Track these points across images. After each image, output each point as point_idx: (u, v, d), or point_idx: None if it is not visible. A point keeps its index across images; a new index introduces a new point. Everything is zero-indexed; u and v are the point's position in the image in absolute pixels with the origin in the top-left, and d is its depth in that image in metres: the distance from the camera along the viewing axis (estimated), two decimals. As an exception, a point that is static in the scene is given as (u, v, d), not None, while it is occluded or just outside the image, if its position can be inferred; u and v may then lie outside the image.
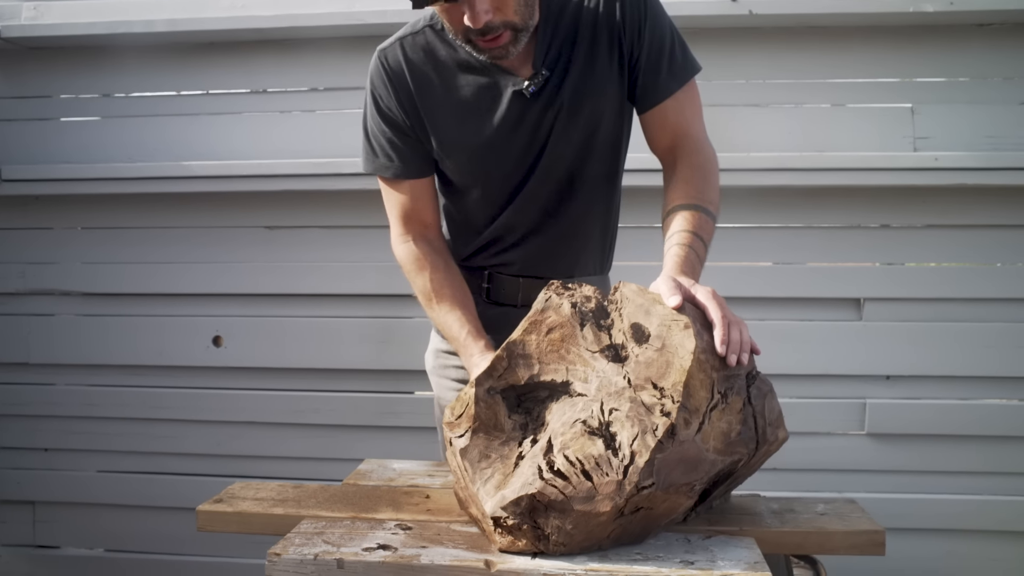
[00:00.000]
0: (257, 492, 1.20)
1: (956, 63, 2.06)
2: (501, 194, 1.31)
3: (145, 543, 2.29)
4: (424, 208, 1.34)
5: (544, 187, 1.29)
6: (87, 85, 2.28)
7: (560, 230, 1.32)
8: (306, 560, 0.93)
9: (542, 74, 1.23)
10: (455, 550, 0.95)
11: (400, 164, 1.30)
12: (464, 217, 1.37)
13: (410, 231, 1.34)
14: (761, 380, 1.03)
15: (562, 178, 1.29)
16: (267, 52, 2.20)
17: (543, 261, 1.33)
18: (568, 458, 0.92)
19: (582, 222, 1.33)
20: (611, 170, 1.33)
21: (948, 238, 2.05)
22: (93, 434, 2.27)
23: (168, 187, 2.15)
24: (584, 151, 1.28)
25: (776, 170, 1.99)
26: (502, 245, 1.34)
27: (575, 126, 1.26)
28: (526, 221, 1.32)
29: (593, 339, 1.01)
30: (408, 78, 1.27)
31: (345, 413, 2.19)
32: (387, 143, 1.30)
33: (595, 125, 1.27)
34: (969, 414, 2.06)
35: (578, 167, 1.29)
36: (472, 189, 1.33)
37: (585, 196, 1.31)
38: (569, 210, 1.31)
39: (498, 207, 1.32)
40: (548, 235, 1.32)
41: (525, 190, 1.29)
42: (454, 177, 1.33)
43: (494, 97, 1.25)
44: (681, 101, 1.25)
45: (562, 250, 1.34)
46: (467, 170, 1.31)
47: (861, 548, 1.04)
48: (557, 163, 1.28)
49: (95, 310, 2.28)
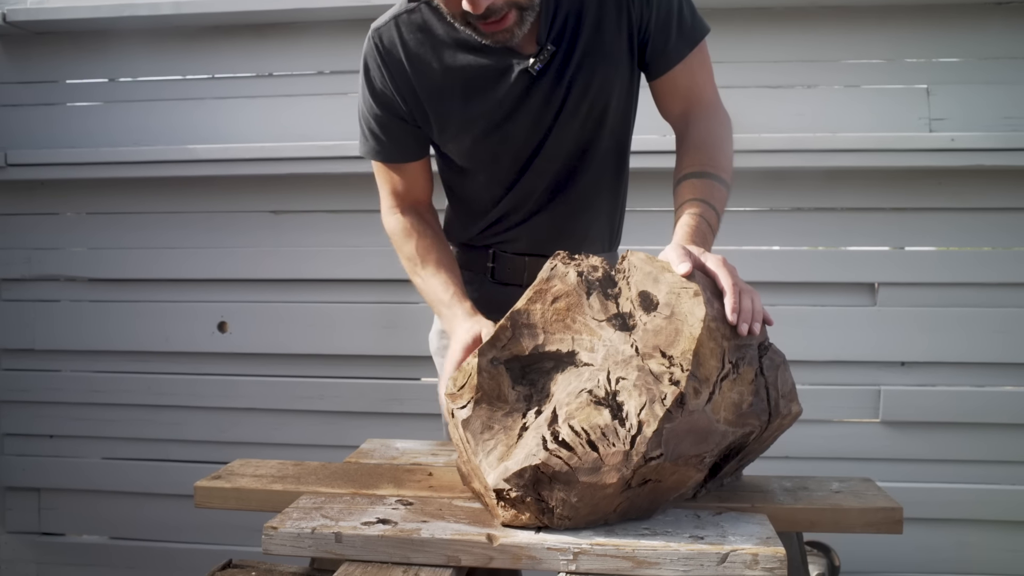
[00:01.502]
0: (257, 469, 1.18)
1: (973, 43, 2.02)
2: (508, 174, 1.26)
3: (150, 530, 2.27)
4: (416, 188, 1.30)
5: (552, 164, 1.25)
6: (92, 69, 2.27)
7: (568, 207, 1.28)
8: (303, 534, 0.91)
9: (548, 49, 1.16)
10: (456, 524, 0.93)
11: (392, 148, 1.26)
12: (468, 197, 1.33)
13: (400, 205, 1.30)
14: (774, 351, 1.00)
15: (571, 154, 1.24)
16: (273, 35, 2.18)
17: (550, 239, 1.29)
18: (573, 428, 0.89)
19: (590, 198, 1.29)
20: (620, 144, 1.30)
21: (965, 221, 2.01)
22: (98, 420, 2.26)
23: (173, 171, 2.13)
24: (594, 126, 1.23)
25: (788, 151, 1.95)
26: (508, 223, 1.31)
27: (585, 101, 1.20)
28: (533, 199, 1.28)
29: (600, 308, 0.98)
30: (404, 60, 1.19)
31: (349, 399, 2.17)
32: (379, 127, 1.24)
33: (606, 98, 1.22)
34: (986, 401, 2.01)
35: (587, 143, 1.24)
36: (477, 171, 1.28)
37: (594, 172, 1.27)
38: (577, 187, 1.27)
39: (504, 187, 1.27)
40: (555, 212, 1.28)
41: (532, 168, 1.25)
42: (457, 160, 1.28)
43: (498, 77, 1.18)
44: (692, 65, 1.21)
45: (570, 227, 1.30)
46: (472, 153, 1.26)
47: (877, 526, 1.00)
48: (566, 140, 1.23)
49: (100, 296, 2.26)
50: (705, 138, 1.20)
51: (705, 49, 1.24)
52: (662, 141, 1.84)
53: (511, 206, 1.29)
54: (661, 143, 1.85)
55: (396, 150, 1.26)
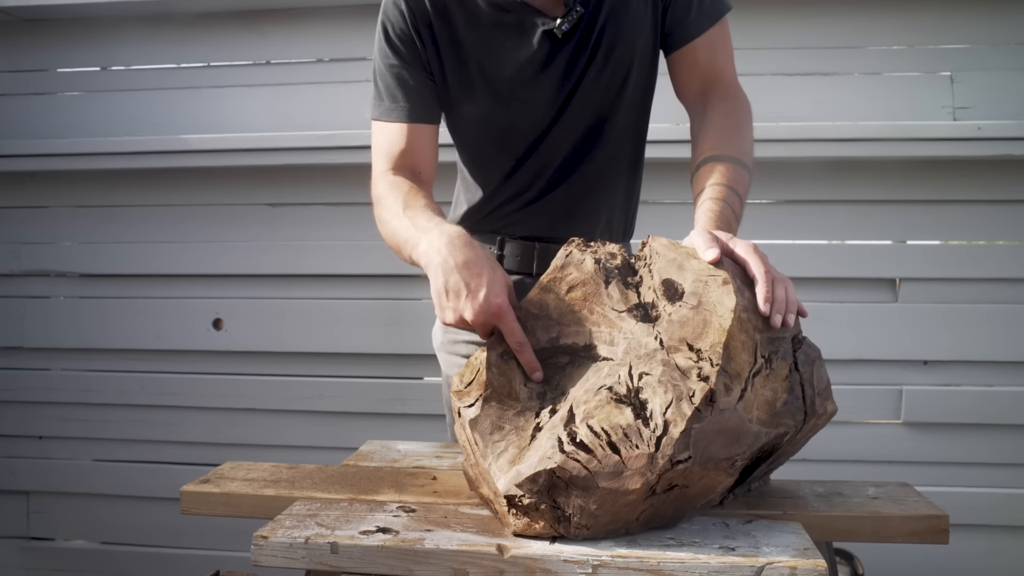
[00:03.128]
0: (248, 472, 1.10)
1: (998, 28, 1.95)
2: (522, 144, 1.20)
3: (143, 535, 2.20)
4: (418, 158, 1.17)
5: (569, 136, 1.19)
6: (84, 58, 2.22)
7: (583, 185, 1.22)
8: (296, 544, 0.83)
9: (576, 11, 1.12)
10: (463, 534, 0.85)
11: (406, 104, 1.15)
12: (478, 171, 1.27)
13: (395, 169, 1.16)
14: (808, 345, 0.92)
15: (589, 127, 1.19)
16: (271, 22, 2.13)
17: (562, 221, 1.23)
18: (592, 428, 0.81)
19: (605, 179, 1.23)
20: (638, 123, 1.24)
21: (990, 214, 1.93)
22: (89, 421, 2.20)
23: (168, 162, 2.07)
24: (615, 98, 1.18)
25: (807, 140, 1.88)
26: (519, 203, 1.24)
27: (608, 69, 1.16)
28: (547, 175, 1.21)
29: (619, 298, 0.90)
30: (428, 4, 1.14)
31: (350, 399, 2.10)
32: (393, 79, 1.16)
33: (627, 68, 1.17)
34: (1013, 402, 1.93)
35: (607, 115, 1.19)
36: (490, 139, 1.22)
37: (610, 149, 1.22)
38: (594, 162, 1.21)
39: (516, 158, 1.21)
40: (570, 190, 1.22)
41: (548, 139, 1.19)
42: (470, 124, 1.22)
43: (521, 36, 1.14)
44: (713, 40, 1.16)
45: (584, 209, 1.24)
46: (486, 117, 1.20)
47: (921, 535, 0.92)
48: (586, 110, 1.18)
49: (92, 292, 2.20)
50: (726, 120, 1.13)
51: (727, 27, 1.19)
52: (676, 130, 1.78)
53: (525, 181, 1.22)
54: (675, 132, 1.78)
55: (408, 106, 1.16)
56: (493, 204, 1.26)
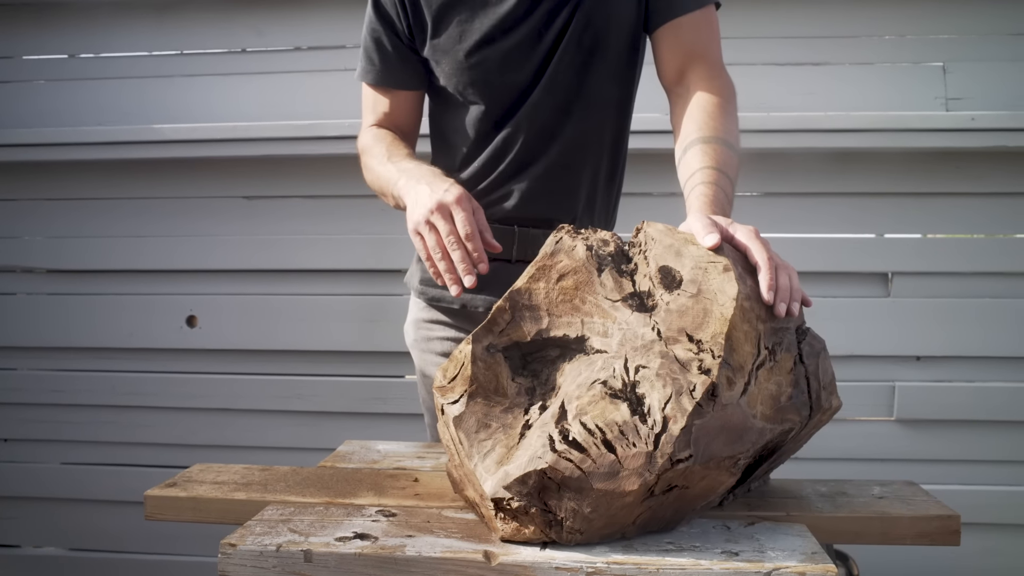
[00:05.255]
0: (218, 475, 1.04)
1: (991, 18, 1.92)
2: (500, 105, 1.16)
3: (113, 541, 2.13)
4: (403, 119, 1.25)
5: (550, 98, 1.15)
6: (52, 45, 2.14)
7: (563, 159, 1.17)
8: (267, 552, 0.77)
9: None
10: (448, 540, 0.79)
11: (381, 68, 1.22)
12: (455, 140, 1.22)
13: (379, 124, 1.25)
14: (813, 336, 0.87)
15: (571, 89, 1.15)
16: (246, 9, 2.06)
17: (541, 198, 1.18)
18: (586, 426, 0.75)
19: (588, 152, 1.19)
20: (621, 99, 1.20)
21: (985, 207, 1.90)
22: (57, 423, 2.12)
23: (139, 153, 1.99)
24: (597, 59, 1.14)
25: (796, 131, 1.83)
26: (495, 179, 1.19)
27: (591, 26, 1.12)
28: (526, 144, 1.17)
29: (613, 286, 0.84)
30: None
31: (330, 398, 2.04)
32: (373, 43, 1.21)
33: (611, 27, 1.14)
34: (1007, 398, 1.90)
35: (587, 80, 1.15)
36: (466, 101, 1.18)
37: (592, 120, 1.17)
38: (574, 134, 1.17)
39: (493, 122, 1.17)
40: (549, 163, 1.17)
41: (528, 102, 1.15)
42: (448, 84, 1.18)
43: None
44: (698, 21, 1.12)
45: (564, 185, 1.19)
46: (462, 73, 1.16)
47: (931, 536, 0.88)
48: (567, 70, 1.14)
49: (60, 288, 2.12)
50: (710, 101, 1.09)
51: (715, 15, 1.16)
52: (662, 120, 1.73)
53: (501, 151, 1.18)
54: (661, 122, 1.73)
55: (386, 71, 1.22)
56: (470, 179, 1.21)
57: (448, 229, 1.00)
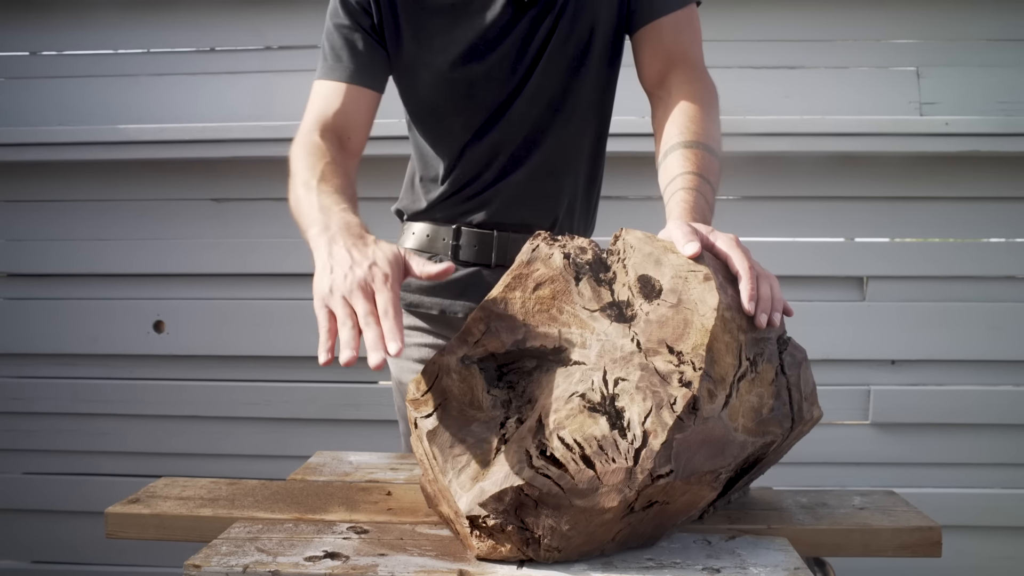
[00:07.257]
0: (183, 490, 1.00)
1: (965, 23, 1.93)
2: (480, 116, 1.13)
3: (76, 553, 2.07)
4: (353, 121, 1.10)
5: (532, 109, 1.13)
6: (13, 42, 2.08)
7: (545, 167, 1.15)
8: (233, 573, 0.74)
9: None
10: (421, 558, 0.76)
11: (350, 64, 1.10)
12: (433, 150, 1.19)
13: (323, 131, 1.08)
14: (794, 346, 0.86)
15: (553, 98, 1.13)
16: (215, 7, 2.02)
17: (522, 205, 1.16)
18: (564, 440, 0.73)
19: (568, 158, 1.17)
20: (601, 105, 1.18)
21: (959, 211, 1.91)
22: (18, 432, 2.06)
23: (103, 154, 1.95)
24: (580, 68, 1.12)
25: (772, 135, 1.84)
26: (476, 186, 1.16)
27: (573, 36, 1.10)
28: (507, 152, 1.14)
29: (591, 296, 0.82)
30: None
31: (300, 405, 2.00)
32: (341, 39, 1.11)
33: (591, 39, 1.12)
34: (981, 401, 1.91)
35: (570, 89, 1.13)
36: (446, 113, 1.15)
37: (574, 126, 1.15)
38: (557, 141, 1.14)
39: (473, 131, 1.14)
40: (531, 170, 1.15)
41: (511, 112, 1.12)
42: (428, 94, 1.14)
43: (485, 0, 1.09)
44: (680, 22, 1.10)
45: (545, 192, 1.16)
46: (444, 84, 1.12)
47: (913, 548, 0.87)
48: (550, 80, 1.11)
49: (21, 293, 2.07)
50: (692, 104, 1.06)
51: (696, 16, 1.14)
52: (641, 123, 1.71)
53: (482, 160, 1.15)
54: (639, 125, 1.72)
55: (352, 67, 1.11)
56: (444, 191, 1.18)
57: (367, 310, 0.80)
